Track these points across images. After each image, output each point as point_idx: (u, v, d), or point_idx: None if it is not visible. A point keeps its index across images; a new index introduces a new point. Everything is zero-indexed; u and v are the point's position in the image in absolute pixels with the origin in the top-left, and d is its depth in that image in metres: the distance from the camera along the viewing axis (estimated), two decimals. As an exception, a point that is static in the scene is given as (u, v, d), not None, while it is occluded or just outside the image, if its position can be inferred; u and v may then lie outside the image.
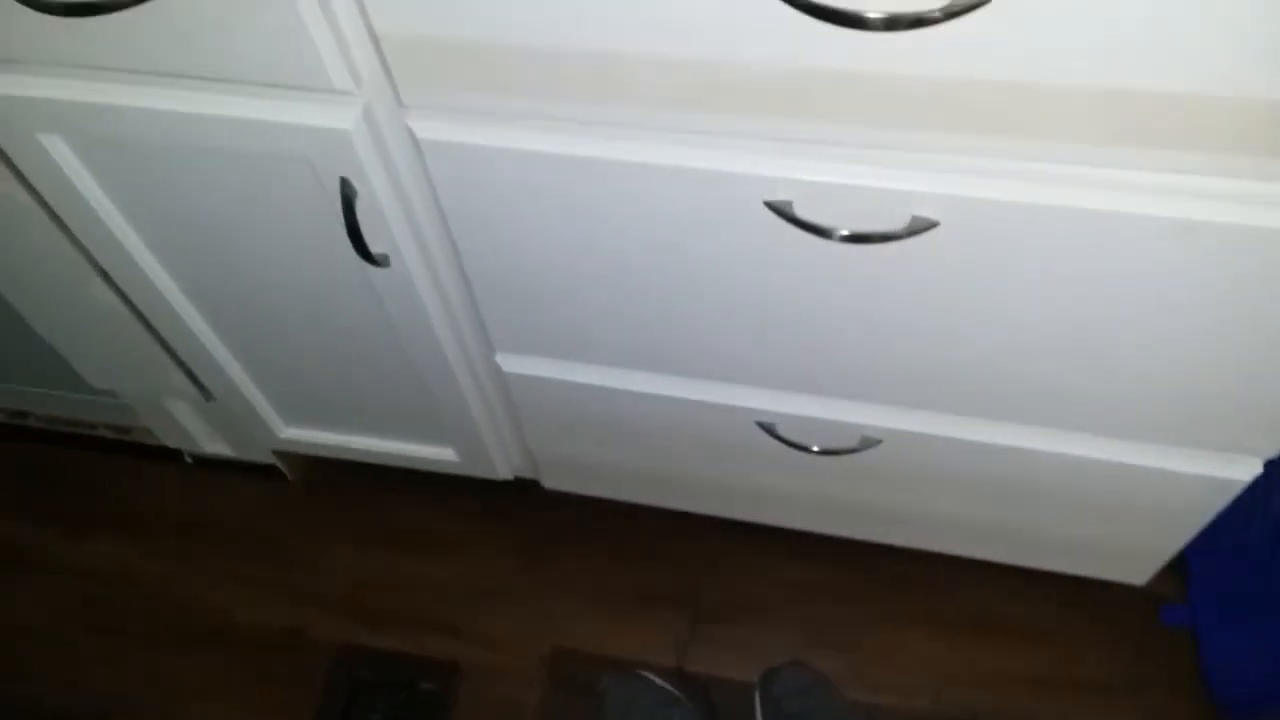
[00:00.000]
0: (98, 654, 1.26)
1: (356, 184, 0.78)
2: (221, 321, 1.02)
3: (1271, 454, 0.85)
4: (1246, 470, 0.86)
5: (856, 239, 0.70)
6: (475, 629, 1.24)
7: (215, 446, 1.30)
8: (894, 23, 0.55)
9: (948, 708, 1.15)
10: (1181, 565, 1.16)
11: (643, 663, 1.18)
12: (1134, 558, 1.04)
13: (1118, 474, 0.89)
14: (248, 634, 1.26)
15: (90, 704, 1.23)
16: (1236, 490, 0.88)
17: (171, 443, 1.31)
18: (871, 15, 0.54)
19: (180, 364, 1.09)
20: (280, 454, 1.29)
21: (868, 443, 0.94)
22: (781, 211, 0.71)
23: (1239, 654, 1.07)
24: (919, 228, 0.69)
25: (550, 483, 1.19)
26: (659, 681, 1.16)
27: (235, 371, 1.08)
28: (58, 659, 1.26)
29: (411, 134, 0.74)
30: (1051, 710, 1.13)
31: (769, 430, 0.95)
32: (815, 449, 0.96)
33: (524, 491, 1.24)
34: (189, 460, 1.37)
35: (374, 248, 0.83)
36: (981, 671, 1.16)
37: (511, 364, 0.96)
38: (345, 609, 1.27)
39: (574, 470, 1.15)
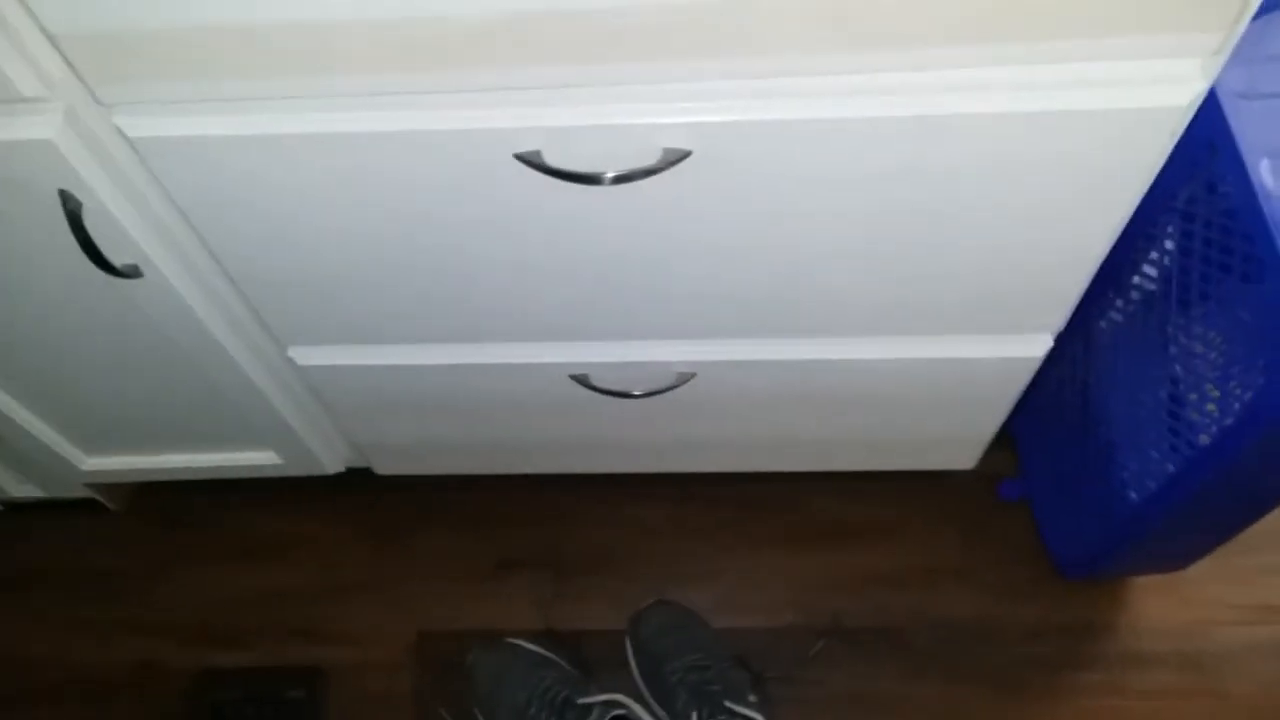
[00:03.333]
0: (-66, 728, 1.18)
1: (79, 195, 0.72)
2: (-14, 361, 0.94)
3: (1058, 328, 0.87)
4: (1039, 346, 0.88)
5: (615, 180, 0.68)
6: (335, 628, 1.20)
7: (23, 489, 1.21)
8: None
9: (812, 616, 1.17)
10: (1009, 441, 1.21)
11: (510, 630, 1.17)
12: (959, 444, 1.07)
13: (923, 369, 0.91)
14: (98, 678, 1.19)
15: (-66, 783, 1.16)
16: (1034, 366, 0.90)
17: (-26, 494, 1.22)
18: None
19: (-46, 411, 1.01)
20: (96, 486, 1.22)
21: (683, 378, 0.93)
22: (531, 161, 0.68)
23: (1070, 517, 1.12)
24: (673, 159, 0.68)
25: (382, 468, 1.16)
26: (527, 645, 1.15)
27: (16, 410, 1.00)
28: (-112, 742, 1.18)
29: (122, 133, 0.68)
30: (910, 601, 1.17)
31: (583, 382, 0.93)
32: (635, 393, 0.95)
33: (361, 480, 1.20)
34: (0, 508, 1.28)
35: (117, 259, 0.77)
36: (839, 577, 1.19)
37: (306, 356, 0.92)
38: (196, 633, 1.21)
39: (403, 452, 1.11)
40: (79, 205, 0.72)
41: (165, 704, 1.17)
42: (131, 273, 0.78)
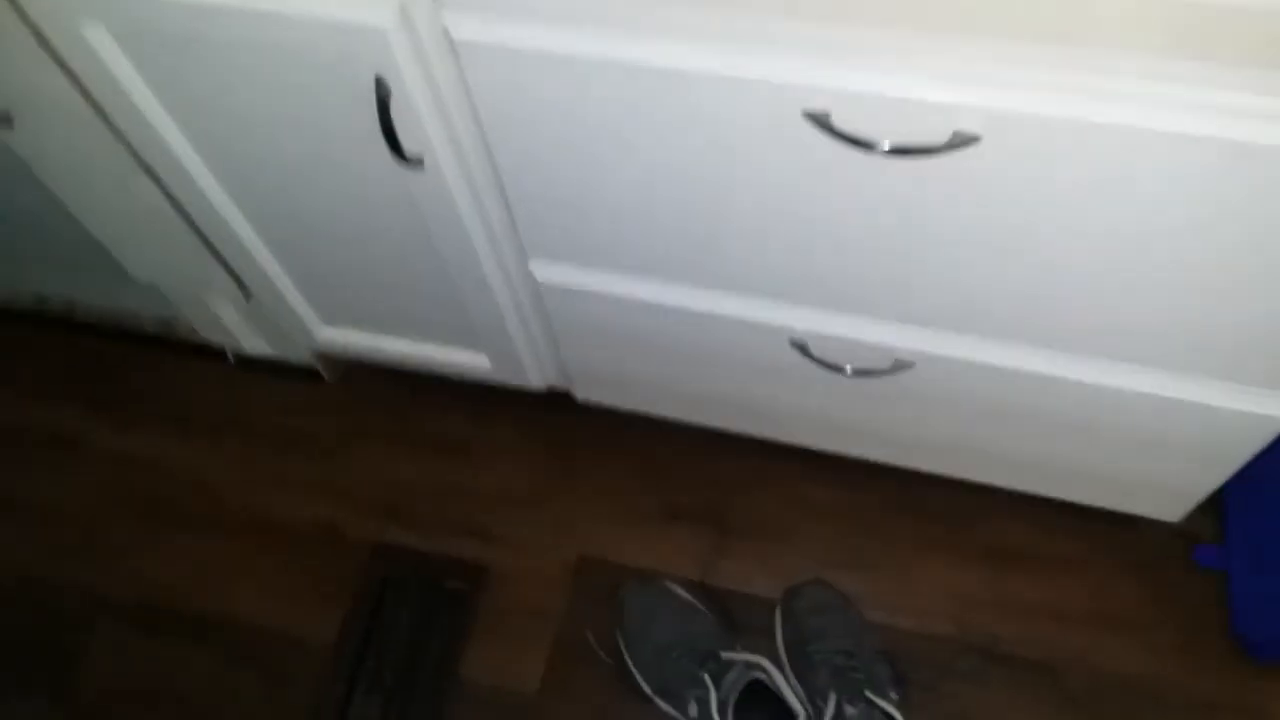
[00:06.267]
0: (138, 541, 1.31)
1: (391, 83, 0.77)
2: (261, 219, 1.02)
3: (1316, 392, 0.82)
4: (1291, 408, 0.84)
5: (894, 152, 0.69)
6: (504, 534, 1.26)
7: (256, 345, 1.32)
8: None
9: (968, 631, 1.15)
10: (1217, 505, 1.15)
11: (667, 575, 1.20)
12: (1168, 494, 1.03)
13: (1158, 407, 0.87)
14: (286, 529, 1.30)
15: (128, 587, 1.28)
16: (1279, 427, 0.86)
17: (213, 339, 1.33)
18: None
19: (221, 260, 1.10)
20: (319, 355, 1.31)
21: (900, 365, 0.93)
22: (819, 121, 0.69)
23: (1271, 597, 1.06)
24: (959, 142, 0.67)
25: (583, 394, 1.20)
26: (681, 592, 1.18)
27: (274, 269, 1.09)
28: (99, 543, 1.31)
29: (448, 34, 0.72)
30: (1073, 642, 1.13)
31: (802, 349, 0.94)
32: (847, 370, 0.95)
33: (557, 402, 1.25)
34: (231, 359, 1.39)
35: (408, 149, 0.82)
36: (1002, 599, 1.16)
37: (545, 272, 0.96)
38: (379, 509, 1.29)
39: (606, 382, 1.15)
40: (389, 93, 0.78)
41: (341, 566, 1.26)
42: (417, 163, 0.84)
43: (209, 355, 1.39)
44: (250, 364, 1.38)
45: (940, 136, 0.67)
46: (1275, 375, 0.82)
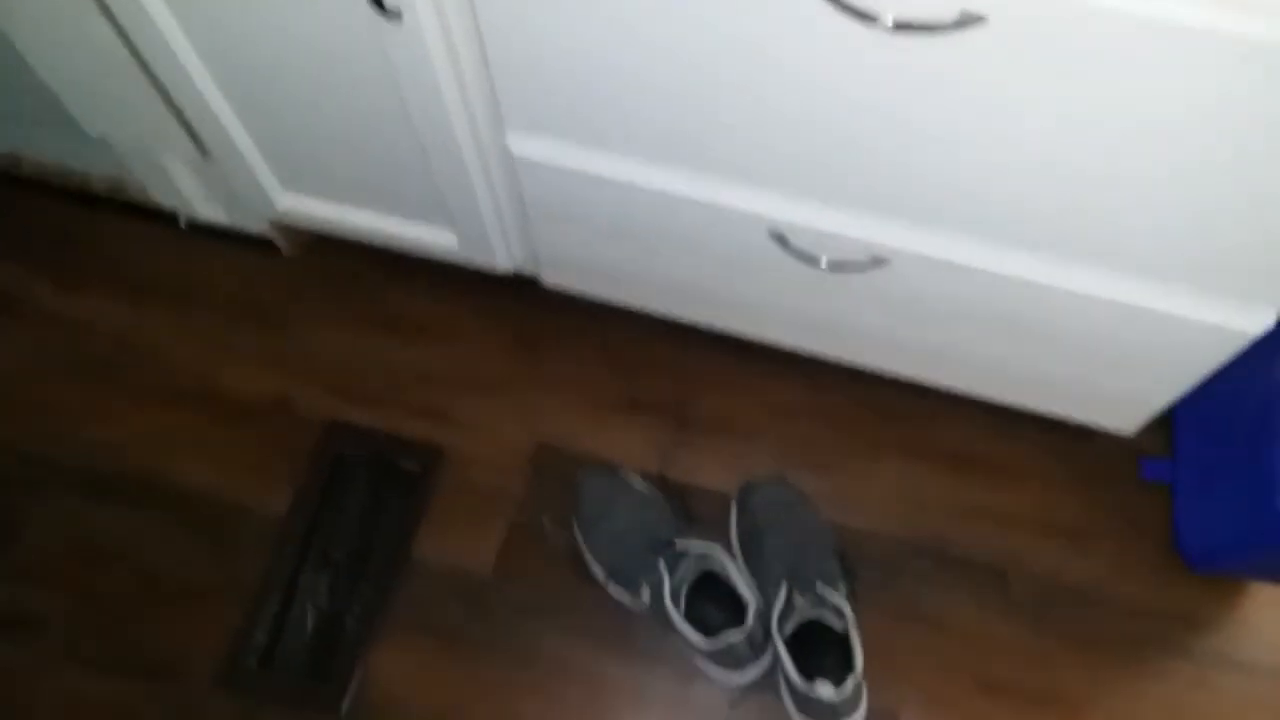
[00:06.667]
0: (82, 405, 1.27)
1: (372, -79, 0.73)
2: (223, 69, 0.97)
3: (1284, 309, 0.83)
4: (1258, 321, 0.84)
5: (898, 28, 0.66)
6: (461, 417, 1.25)
7: (210, 211, 1.27)
8: None
9: (918, 534, 1.17)
10: (1167, 421, 1.17)
11: (625, 465, 1.20)
12: (1125, 406, 1.04)
13: (1126, 316, 0.88)
14: (235, 401, 1.27)
15: (71, 453, 1.24)
16: (1244, 342, 0.87)
17: (165, 202, 1.28)
18: None
19: (178, 115, 1.05)
20: (277, 226, 1.27)
21: (877, 261, 0.92)
22: (823, -10, 0.66)
23: (1212, 509, 1.09)
24: (965, 21, 0.65)
25: (550, 278, 1.17)
26: (638, 482, 1.18)
27: (234, 125, 1.04)
28: (41, 407, 1.27)
29: None
30: (1018, 547, 1.16)
31: (779, 240, 0.93)
32: (823, 263, 0.94)
33: (523, 288, 1.23)
34: (183, 225, 1.34)
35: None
36: (955, 504, 1.19)
37: (522, 145, 0.93)
38: (333, 386, 1.27)
39: (575, 267, 1.13)
40: (369, -69, 0.74)
41: (293, 441, 1.24)
42: (395, 13, 0.80)
43: (160, 219, 1.34)
44: (203, 231, 1.33)
45: (947, 15, 0.65)
46: (1246, 288, 0.82)
